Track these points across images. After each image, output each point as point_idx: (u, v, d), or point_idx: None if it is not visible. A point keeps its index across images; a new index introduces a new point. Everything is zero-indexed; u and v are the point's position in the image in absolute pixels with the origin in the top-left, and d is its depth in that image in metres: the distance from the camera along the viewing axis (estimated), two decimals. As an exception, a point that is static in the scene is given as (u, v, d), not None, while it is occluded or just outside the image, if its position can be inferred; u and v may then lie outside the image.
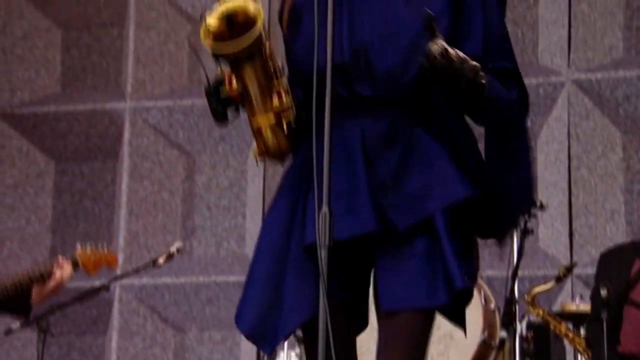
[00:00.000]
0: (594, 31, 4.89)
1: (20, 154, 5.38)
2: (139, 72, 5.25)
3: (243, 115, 2.34)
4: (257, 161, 2.38)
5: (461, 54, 2.23)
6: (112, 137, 5.30)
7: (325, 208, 2.10)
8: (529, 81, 4.84)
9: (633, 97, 4.82)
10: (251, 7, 2.25)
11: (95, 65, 5.42)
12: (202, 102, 5.16)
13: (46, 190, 5.38)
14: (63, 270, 3.66)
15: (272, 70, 2.29)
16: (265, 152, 2.32)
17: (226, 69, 2.27)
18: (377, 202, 2.25)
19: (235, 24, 2.24)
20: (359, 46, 2.29)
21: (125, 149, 5.21)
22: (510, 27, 4.98)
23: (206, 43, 2.23)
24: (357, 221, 2.24)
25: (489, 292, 3.97)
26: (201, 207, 5.23)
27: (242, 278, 2.34)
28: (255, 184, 5.07)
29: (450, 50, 2.21)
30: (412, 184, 2.27)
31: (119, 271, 4.66)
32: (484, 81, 2.24)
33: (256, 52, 2.24)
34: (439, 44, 2.20)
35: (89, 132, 5.34)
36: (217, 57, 2.24)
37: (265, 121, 2.30)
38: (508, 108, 2.30)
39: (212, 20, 2.25)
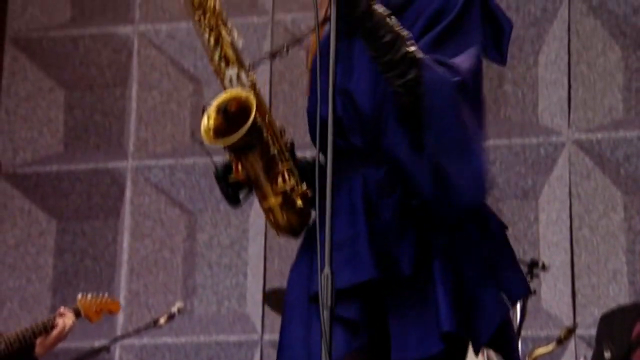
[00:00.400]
0: (594, 92, 4.92)
1: (22, 214, 5.39)
2: (141, 131, 5.28)
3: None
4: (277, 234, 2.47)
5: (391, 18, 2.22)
6: (113, 196, 5.31)
7: (327, 269, 2.12)
8: (529, 141, 4.92)
9: (634, 157, 4.84)
10: (243, 96, 2.35)
11: (97, 125, 5.45)
12: (203, 160, 5.19)
13: (47, 249, 5.38)
14: (65, 318, 3.65)
15: (276, 152, 2.37)
16: (278, 230, 2.42)
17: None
18: (379, 249, 2.28)
19: (231, 114, 2.35)
20: (348, 97, 2.35)
21: (127, 208, 5.22)
22: (510, 87, 5.09)
23: (206, 140, 2.34)
24: (358, 269, 2.27)
25: (492, 354, 3.95)
26: (202, 266, 5.22)
27: (243, 337, 2.35)
28: (256, 242, 5.07)
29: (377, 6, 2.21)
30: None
31: (119, 331, 4.65)
32: (414, 52, 2.22)
33: (254, 140, 2.34)
34: None
35: (91, 191, 5.35)
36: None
37: (273, 202, 2.38)
38: (447, 89, 2.25)
39: (209, 116, 2.35)
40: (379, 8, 2.25)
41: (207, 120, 2.34)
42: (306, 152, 2.49)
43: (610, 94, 4.93)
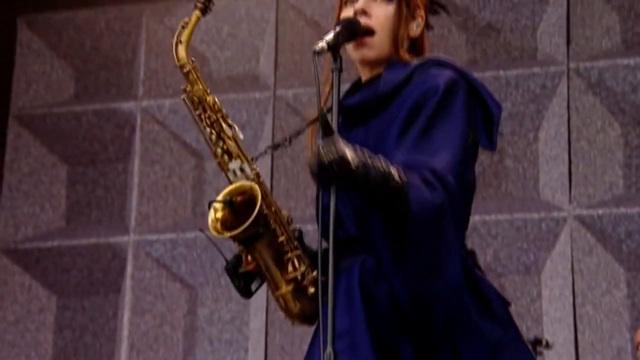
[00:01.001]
0: (594, 168, 4.94)
1: (22, 290, 5.37)
2: (143, 206, 5.29)
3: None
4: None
5: (366, 155, 2.20)
6: (114, 271, 5.29)
7: (329, 348, 2.13)
8: (531, 216, 4.92)
9: (635, 234, 4.83)
10: (247, 187, 2.40)
11: (99, 200, 5.46)
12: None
13: (47, 325, 5.35)
14: None
15: (284, 241, 2.40)
16: (291, 318, 2.43)
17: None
18: (378, 336, 2.28)
19: (237, 206, 2.38)
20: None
21: (128, 283, 5.20)
22: (511, 163, 5.10)
23: (213, 233, 2.37)
24: (358, 357, 2.26)
25: None
26: (203, 341, 5.18)
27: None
28: (257, 317, 5.04)
29: (349, 152, 2.17)
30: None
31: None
32: (398, 185, 2.21)
33: (262, 230, 2.37)
34: (331, 146, 2.17)
35: (92, 267, 5.34)
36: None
37: (284, 291, 2.41)
38: (432, 215, 2.25)
39: (215, 210, 2.39)
40: (360, 159, 2.19)
41: (214, 214, 2.38)
42: (307, 225, 2.50)
43: (610, 170, 4.95)
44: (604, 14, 4.99)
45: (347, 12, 2.49)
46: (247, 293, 2.45)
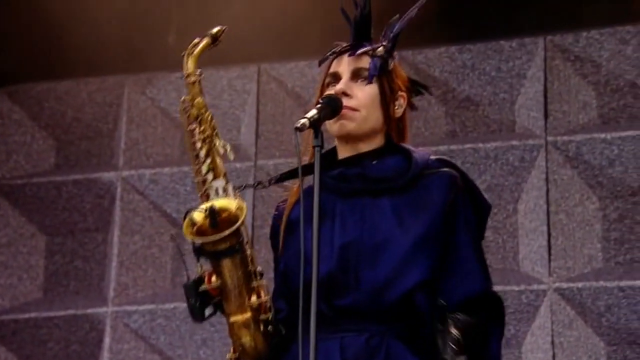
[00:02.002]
0: (573, 241, 4.96)
1: (-2, 362, 5.31)
2: (122, 276, 5.26)
3: (225, 321, 2.35)
4: None
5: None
6: (92, 343, 5.24)
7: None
8: (511, 288, 4.91)
9: (615, 307, 4.83)
10: (234, 206, 2.36)
11: (78, 271, 5.42)
12: (184, 306, 5.14)
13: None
14: None
15: (252, 270, 2.36)
16: (241, 352, 2.34)
17: (207, 267, 2.34)
18: None
19: (219, 221, 2.33)
20: (347, 256, 2.36)
21: (106, 355, 5.15)
22: (490, 235, 5.11)
23: (187, 234, 2.33)
24: None
25: None
26: (182, 413, 5.12)
27: None
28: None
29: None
30: None
31: None
32: None
33: (236, 247, 2.33)
34: None
35: (69, 338, 5.28)
36: (198, 254, 2.32)
37: (241, 318, 2.34)
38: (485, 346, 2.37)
39: (196, 214, 2.34)
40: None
41: (192, 217, 2.33)
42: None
43: (589, 243, 4.97)
44: (581, 89, 5.05)
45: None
46: (199, 315, 2.38)
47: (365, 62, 2.55)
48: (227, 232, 2.28)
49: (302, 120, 2.34)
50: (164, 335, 5.19)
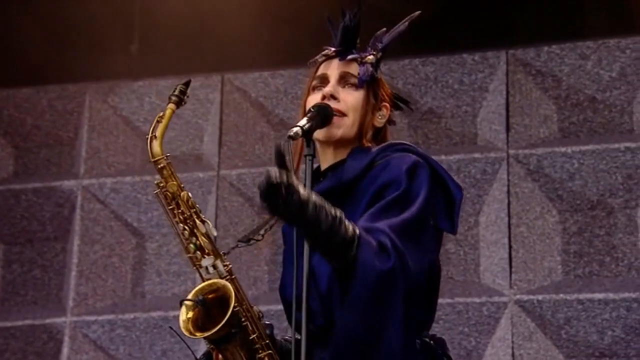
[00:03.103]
0: (534, 253, 4.98)
1: (-46, 374, 5.24)
2: (81, 286, 5.21)
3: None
4: None
5: (321, 199, 2.21)
6: (50, 354, 5.18)
7: None
8: (472, 300, 4.93)
9: (574, 320, 4.86)
10: (220, 285, 2.40)
11: (36, 280, 5.37)
12: (144, 316, 5.12)
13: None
14: None
15: (255, 338, 2.40)
16: None
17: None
18: None
19: (209, 304, 2.38)
20: (314, 280, 2.38)
21: (63, 365, 5.10)
22: (452, 247, 5.11)
23: (185, 334, 2.36)
24: None
25: None
26: None
27: None
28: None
29: (301, 187, 2.19)
30: None
31: None
32: (350, 235, 2.22)
33: (234, 331, 2.37)
34: (283, 174, 2.16)
35: (26, 349, 5.22)
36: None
37: None
38: (377, 279, 2.25)
39: (187, 308, 2.38)
40: (311, 198, 2.23)
41: (185, 313, 2.37)
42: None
43: (549, 256, 5.00)
44: (542, 103, 5.09)
45: (315, 98, 2.53)
46: None
47: (354, 69, 2.56)
48: (219, 327, 2.32)
49: (295, 129, 2.34)
50: (124, 345, 5.14)
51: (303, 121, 2.38)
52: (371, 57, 2.55)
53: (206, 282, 2.40)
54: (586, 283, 4.89)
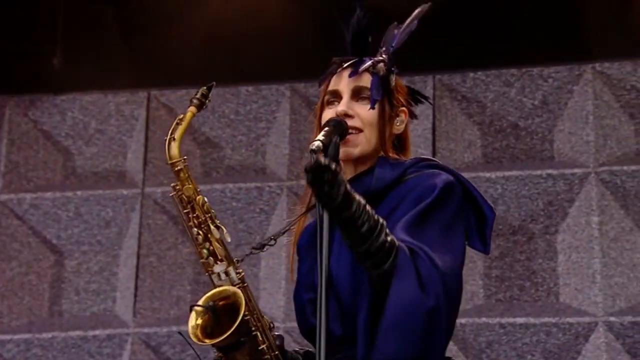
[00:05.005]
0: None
1: None
2: (-3, 305, 5.10)
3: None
4: None
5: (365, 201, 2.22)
6: (-39, 374, 5.05)
7: None
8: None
9: (495, 344, 4.89)
10: (230, 292, 2.38)
11: (-52, 298, 5.23)
12: (62, 335, 5.01)
13: None
14: None
15: (265, 348, 2.37)
16: None
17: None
18: None
19: (220, 311, 2.36)
20: (333, 284, 2.35)
21: (-24, 385, 4.96)
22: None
23: (194, 340, 2.33)
24: None
25: None
26: None
27: None
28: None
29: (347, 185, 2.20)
30: None
31: None
32: (391, 241, 2.23)
33: (243, 339, 2.35)
34: (331, 162, 2.20)
35: (-61, 369, 5.08)
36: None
37: None
38: (419, 314, 2.25)
39: (197, 314, 2.35)
40: (356, 196, 2.25)
41: (195, 319, 2.35)
42: (172, 327, 2.44)
43: (471, 279, 5.03)
44: (467, 129, 5.14)
45: (330, 113, 2.51)
46: None
47: (366, 80, 2.52)
48: (228, 334, 2.31)
49: (317, 143, 2.32)
50: (40, 365, 5.04)
51: (320, 136, 2.35)
52: (382, 65, 2.51)
53: (217, 289, 2.38)
54: (507, 307, 4.93)
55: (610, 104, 4.96)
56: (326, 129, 2.39)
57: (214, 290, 2.39)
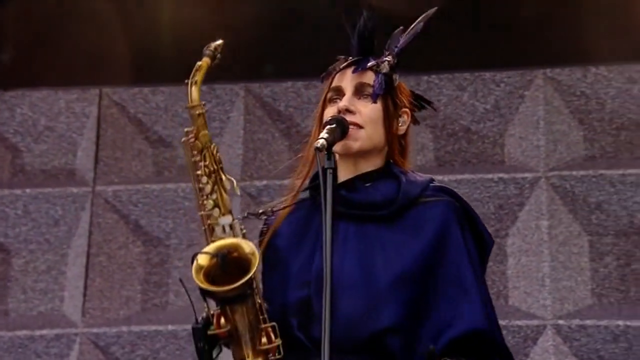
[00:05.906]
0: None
1: None
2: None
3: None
4: None
5: None
6: None
7: None
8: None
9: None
10: (246, 248, 2.31)
11: None
12: (8, 335, 4.94)
13: None
14: None
15: (261, 309, 2.33)
16: None
17: (213, 307, 2.32)
18: None
19: (229, 264, 2.29)
20: (333, 285, 2.30)
21: None
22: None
23: (198, 281, 2.26)
24: None
25: None
26: None
27: None
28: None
29: None
30: None
31: None
32: None
33: (247, 293, 2.29)
34: None
35: None
36: (204, 295, 2.28)
37: None
38: None
39: (203, 258, 2.28)
40: None
41: (200, 261, 2.28)
42: (122, 327, 2.42)
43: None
44: (419, 132, 5.15)
45: (332, 110, 2.51)
46: (207, 358, 2.34)
47: (369, 78, 2.53)
48: (241, 282, 2.25)
49: (321, 141, 2.34)
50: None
51: (324, 133, 2.38)
52: (386, 64, 2.52)
53: (229, 240, 2.31)
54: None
55: (560, 110, 5.01)
56: (329, 126, 2.41)
57: (224, 241, 2.32)
